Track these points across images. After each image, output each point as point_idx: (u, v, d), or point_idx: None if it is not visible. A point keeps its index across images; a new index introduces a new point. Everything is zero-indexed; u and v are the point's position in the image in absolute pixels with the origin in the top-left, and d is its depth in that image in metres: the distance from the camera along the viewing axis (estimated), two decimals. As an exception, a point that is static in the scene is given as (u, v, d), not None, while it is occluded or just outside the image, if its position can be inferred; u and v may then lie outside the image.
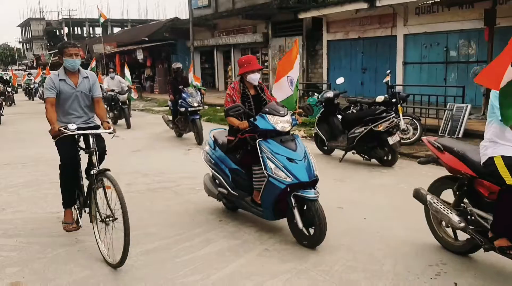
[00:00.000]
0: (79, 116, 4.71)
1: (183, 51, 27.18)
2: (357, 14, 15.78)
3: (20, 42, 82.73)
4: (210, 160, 5.41)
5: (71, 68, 4.60)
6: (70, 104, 4.64)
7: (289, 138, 4.52)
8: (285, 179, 4.26)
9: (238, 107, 4.57)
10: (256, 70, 4.92)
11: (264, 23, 20.75)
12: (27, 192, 6.59)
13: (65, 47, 4.54)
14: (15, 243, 4.64)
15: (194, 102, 10.12)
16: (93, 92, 4.75)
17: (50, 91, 4.53)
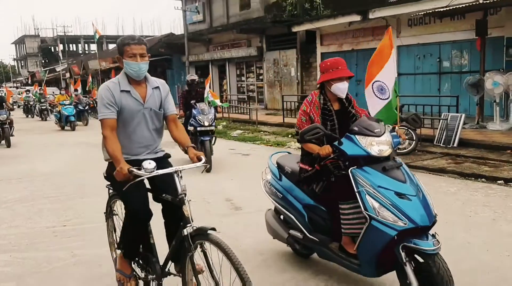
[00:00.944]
0: (146, 144, 3.34)
1: (179, 66, 27.31)
2: (350, 27, 15.93)
3: (15, 59, 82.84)
4: (275, 193, 4.22)
5: (136, 75, 3.23)
6: (134, 127, 3.27)
7: (393, 164, 3.32)
8: (395, 223, 3.06)
9: (316, 130, 3.37)
10: (345, 78, 3.68)
11: (258, 37, 20.90)
12: (22, 207, 6.52)
13: (126, 44, 3.19)
14: (9, 258, 4.58)
15: (205, 121, 8.69)
16: (166, 109, 3.38)
17: (109, 109, 3.14)
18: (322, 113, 3.70)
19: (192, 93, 9.54)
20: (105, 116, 3.14)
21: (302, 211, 3.93)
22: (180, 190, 3.04)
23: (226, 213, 5.90)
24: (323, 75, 3.71)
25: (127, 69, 3.21)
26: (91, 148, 12.26)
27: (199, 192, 7.00)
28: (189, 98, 9.38)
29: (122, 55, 3.22)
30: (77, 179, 8.33)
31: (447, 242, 4.59)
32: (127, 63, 3.19)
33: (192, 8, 25.21)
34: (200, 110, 8.85)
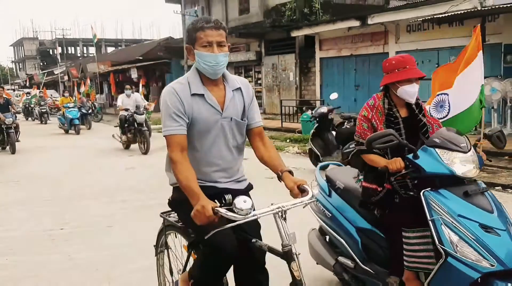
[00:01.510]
0: (224, 167, 2.53)
1: (177, 70, 27.30)
2: (349, 32, 15.97)
3: (13, 61, 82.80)
4: (322, 211, 3.55)
5: (211, 73, 2.41)
6: (210, 143, 2.46)
7: (477, 189, 2.68)
8: (478, 263, 2.44)
9: (389, 137, 2.71)
10: (415, 79, 3.01)
11: (257, 41, 20.94)
12: (19, 210, 6.49)
13: (199, 29, 2.36)
14: (5, 262, 4.55)
15: None
16: (251, 118, 2.57)
17: (176, 121, 2.35)
18: (386, 120, 3.06)
19: None
20: (172, 131, 2.33)
21: (355, 235, 3.26)
22: (287, 239, 2.26)
23: (224, 218, 5.87)
24: (388, 76, 3.05)
25: (200, 64, 2.40)
26: (93, 152, 12.26)
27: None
28: None
29: (193, 45, 2.41)
30: (75, 182, 8.30)
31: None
32: (200, 54, 2.37)
33: (191, 12, 25.23)
34: None
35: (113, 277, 4.10)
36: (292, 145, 12.14)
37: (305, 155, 10.16)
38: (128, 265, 4.35)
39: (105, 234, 5.32)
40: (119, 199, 6.93)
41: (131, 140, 12.09)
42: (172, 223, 2.88)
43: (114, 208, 6.44)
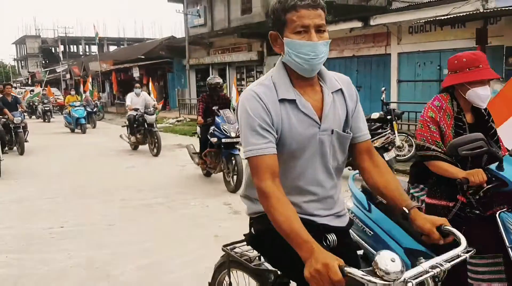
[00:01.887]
0: (323, 196, 1.91)
1: (179, 69, 27.33)
2: (351, 33, 15.94)
3: (15, 59, 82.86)
4: (361, 228, 2.98)
5: (307, 69, 1.80)
6: (304, 165, 1.85)
7: None
8: None
9: (479, 142, 2.33)
10: (487, 81, 2.58)
11: (259, 41, 20.92)
12: (19, 208, 6.50)
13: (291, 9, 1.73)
14: (5, 259, 4.55)
15: (231, 131, 7.20)
16: (356, 129, 1.95)
17: (263, 137, 1.75)
18: (454, 124, 2.60)
19: (215, 98, 7.96)
20: (259, 150, 1.70)
21: (403, 257, 2.62)
22: None
23: (224, 218, 5.88)
24: (456, 76, 2.59)
25: (291, 57, 1.75)
26: (99, 151, 12.26)
27: (197, 196, 7.00)
28: (211, 103, 7.85)
29: (281, 31, 1.76)
30: (76, 181, 8.31)
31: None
32: (292, 43, 1.73)
33: (193, 12, 25.25)
34: (225, 118, 7.39)
35: (113, 276, 4.10)
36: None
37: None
38: (127, 264, 4.36)
39: (105, 233, 5.33)
40: (119, 198, 6.94)
41: (140, 141, 11.62)
42: (239, 261, 2.24)
43: (114, 207, 6.45)
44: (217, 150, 7.53)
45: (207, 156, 7.76)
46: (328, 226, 1.89)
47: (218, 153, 7.53)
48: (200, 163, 8.13)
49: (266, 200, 1.67)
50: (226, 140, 7.21)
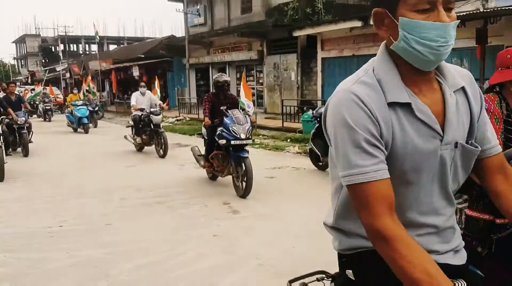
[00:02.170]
0: (440, 228, 1.42)
1: (179, 68, 27.34)
2: (351, 32, 15.96)
3: (15, 58, 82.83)
4: None
5: (430, 61, 1.29)
6: (418, 191, 1.36)
7: None
8: None
9: None
10: None
11: (259, 40, 20.93)
12: (18, 206, 6.50)
13: None
14: (3, 258, 4.55)
15: (241, 132, 6.79)
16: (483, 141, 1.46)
17: (372, 156, 1.26)
18: (504, 129, 2.23)
19: (221, 97, 7.55)
20: (368, 175, 1.26)
21: None
22: None
23: (223, 217, 5.88)
24: (505, 72, 2.22)
25: (409, 44, 1.29)
26: (98, 150, 12.26)
27: (196, 195, 7.00)
28: (218, 103, 7.47)
29: (392, 6, 1.31)
30: (75, 180, 8.31)
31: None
32: (412, 25, 1.27)
33: (193, 11, 25.26)
34: (234, 118, 6.95)
35: (112, 275, 4.10)
36: (292, 145, 12.14)
37: (305, 155, 10.15)
38: (126, 263, 4.36)
39: (104, 232, 5.33)
40: (118, 197, 6.94)
41: (146, 142, 11.16)
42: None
43: (113, 206, 6.45)
44: (225, 153, 7.16)
45: (214, 158, 7.37)
46: (450, 266, 1.41)
47: (226, 156, 7.16)
48: (206, 166, 7.74)
49: (388, 246, 1.22)
50: (236, 142, 6.77)
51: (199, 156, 8.16)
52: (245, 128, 6.84)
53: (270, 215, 5.88)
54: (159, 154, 10.70)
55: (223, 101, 7.50)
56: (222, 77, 7.60)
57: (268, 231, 5.27)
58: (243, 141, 6.79)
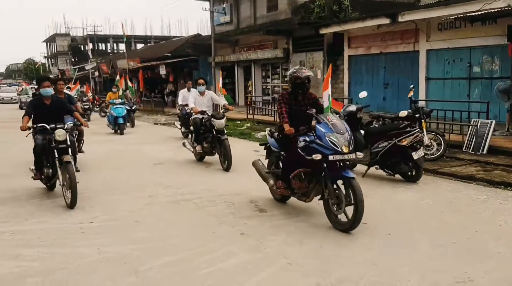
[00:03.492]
0: None
1: (205, 67, 27.48)
2: (378, 30, 15.74)
3: (45, 57, 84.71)
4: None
5: None
6: None
7: None
8: None
9: None
10: None
11: (285, 38, 20.86)
12: (50, 202, 6.63)
13: None
14: (37, 253, 4.66)
15: (342, 144, 5.07)
16: None
17: None
18: None
19: (299, 98, 5.89)
20: None
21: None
22: None
23: (250, 215, 5.89)
24: None
25: None
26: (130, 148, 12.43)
27: (223, 193, 7.03)
28: (294, 105, 5.85)
29: None
30: (105, 177, 8.45)
31: (478, 251, 4.50)
32: None
33: (219, 9, 25.34)
34: (330, 125, 5.21)
35: (141, 271, 4.16)
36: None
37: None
38: (155, 259, 4.41)
39: (133, 228, 5.40)
40: (146, 194, 7.02)
41: (207, 150, 9.32)
42: None
43: (142, 203, 6.53)
44: (313, 171, 5.43)
45: (295, 179, 5.59)
46: None
47: (315, 175, 5.42)
48: (280, 186, 5.91)
49: None
50: (335, 157, 5.06)
51: (267, 173, 6.40)
52: (347, 138, 5.12)
53: (297, 214, 5.85)
54: (223, 167, 8.88)
55: (301, 102, 5.90)
56: (302, 72, 5.81)
57: (296, 230, 5.25)
58: (345, 156, 5.08)
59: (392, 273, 4.04)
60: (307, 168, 5.42)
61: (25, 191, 7.29)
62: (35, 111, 6.93)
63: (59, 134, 6.47)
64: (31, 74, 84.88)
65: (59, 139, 6.48)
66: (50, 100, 7.07)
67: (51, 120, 6.78)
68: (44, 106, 6.99)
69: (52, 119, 6.82)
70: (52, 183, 7.04)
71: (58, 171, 6.47)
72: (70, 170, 6.21)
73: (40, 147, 6.71)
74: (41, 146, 6.70)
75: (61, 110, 7.23)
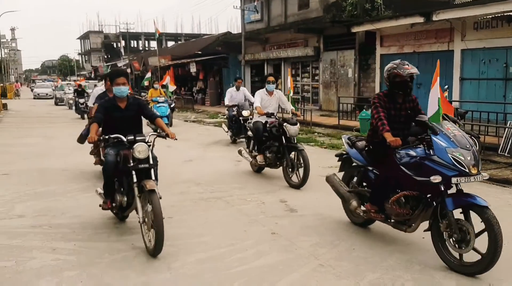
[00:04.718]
0: None
1: (235, 65, 27.58)
2: (412, 28, 15.48)
3: (79, 54, 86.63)
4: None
5: None
6: None
7: None
8: None
9: None
10: None
11: (316, 36, 20.74)
12: (85, 197, 6.79)
13: None
14: (73, 247, 4.78)
15: (470, 163, 3.99)
16: None
17: None
18: None
19: (398, 100, 4.79)
20: None
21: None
22: None
23: (281, 215, 5.90)
24: None
25: None
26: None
27: (253, 192, 7.05)
28: (393, 109, 4.75)
29: None
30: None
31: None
32: None
33: (250, 7, 25.37)
34: (451, 136, 4.13)
35: (174, 268, 4.22)
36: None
37: (362, 154, 9.97)
38: (187, 256, 4.47)
39: (166, 225, 5.42)
40: (178, 191, 7.11)
41: (271, 162, 7.86)
42: None
43: (173, 200, 6.60)
44: (420, 194, 4.36)
45: (395, 203, 4.49)
46: None
47: (423, 200, 4.37)
48: (371, 212, 4.82)
49: None
50: (461, 180, 4.01)
51: (350, 192, 5.24)
52: (474, 156, 4.05)
53: (328, 215, 5.82)
54: (291, 182, 7.40)
55: (401, 106, 4.81)
56: (404, 68, 4.65)
57: (327, 231, 5.23)
58: (472, 178, 4.01)
59: (427, 277, 3.98)
60: (412, 190, 4.35)
61: (60, 186, 7.49)
62: (107, 116, 5.23)
63: (139, 149, 4.75)
64: (65, 70, 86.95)
65: (139, 157, 4.74)
66: (126, 102, 5.36)
67: (127, 129, 5.11)
68: (118, 110, 5.30)
69: (127, 128, 5.14)
70: (127, 214, 5.47)
71: (137, 202, 4.74)
72: (154, 202, 4.47)
73: (113, 167, 5.11)
74: (114, 165, 5.10)
75: (139, 115, 5.45)
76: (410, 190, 4.36)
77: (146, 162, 4.78)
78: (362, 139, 5.30)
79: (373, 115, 4.67)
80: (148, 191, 4.51)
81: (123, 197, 5.11)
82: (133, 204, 4.94)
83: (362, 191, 5.12)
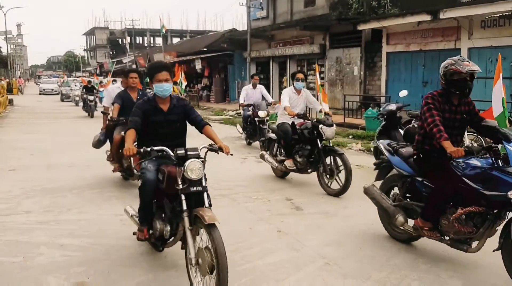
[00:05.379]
0: None
1: (240, 62, 27.57)
2: (418, 26, 15.42)
3: (85, 50, 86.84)
4: None
5: None
6: None
7: None
8: None
9: None
10: None
11: (321, 34, 20.70)
12: (91, 194, 6.82)
13: None
14: (80, 243, 4.80)
15: None
16: None
17: None
18: None
19: (454, 102, 4.24)
20: None
21: None
22: None
23: (286, 213, 5.90)
24: None
25: None
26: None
27: (259, 190, 7.06)
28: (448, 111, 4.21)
29: None
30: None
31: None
32: None
33: (256, 4, 25.33)
34: None
35: (180, 265, 4.21)
36: (355, 141, 11.95)
37: (368, 153, 9.97)
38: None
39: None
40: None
41: (302, 167, 7.17)
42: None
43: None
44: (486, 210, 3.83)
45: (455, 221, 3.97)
46: None
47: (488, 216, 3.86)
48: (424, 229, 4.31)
49: None
50: None
51: (396, 206, 4.65)
52: None
53: (335, 213, 5.83)
54: (330, 190, 6.76)
55: (457, 108, 4.26)
56: (464, 64, 4.11)
57: (333, 230, 5.23)
58: None
59: (433, 277, 3.98)
60: (478, 205, 3.82)
61: (66, 182, 7.52)
62: (145, 121, 4.18)
63: (192, 168, 3.68)
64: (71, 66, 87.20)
65: (191, 177, 3.68)
66: (169, 104, 4.35)
67: (169, 138, 4.23)
68: (160, 113, 4.28)
69: (169, 136, 4.27)
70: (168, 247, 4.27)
71: (188, 237, 3.64)
72: (217, 241, 3.43)
73: (153, 187, 4.10)
74: (154, 185, 4.10)
75: (184, 121, 4.48)
76: (475, 206, 3.82)
77: (199, 184, 3.75)
78: (405, 146, 4.80)
79: (426, 118, 4.08)
80: (207, 225, 3.50)
81: (165, 225, 4.06)
82: (177, 235, 3.99)
83: (410, 205, 4.55)
